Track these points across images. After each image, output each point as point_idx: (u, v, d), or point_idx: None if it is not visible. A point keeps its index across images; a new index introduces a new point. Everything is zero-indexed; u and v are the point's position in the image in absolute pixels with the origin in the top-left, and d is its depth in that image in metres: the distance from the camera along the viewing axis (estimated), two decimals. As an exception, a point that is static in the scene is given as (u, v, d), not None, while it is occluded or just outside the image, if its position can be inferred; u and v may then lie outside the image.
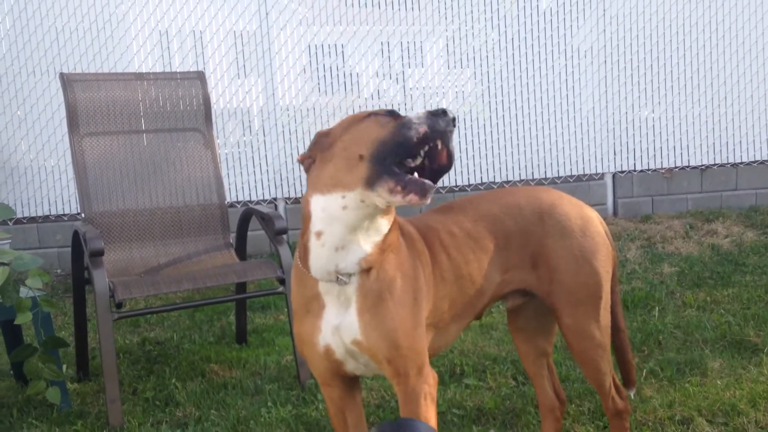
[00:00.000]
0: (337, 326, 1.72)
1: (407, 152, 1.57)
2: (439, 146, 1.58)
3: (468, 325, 2.05)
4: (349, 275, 1.68)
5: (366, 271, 1.69)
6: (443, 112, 1.57)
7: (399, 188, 1.55)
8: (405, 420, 1.42)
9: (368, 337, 1.70)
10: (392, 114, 1.63)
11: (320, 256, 1.67)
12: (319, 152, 1.69)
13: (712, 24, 5.64)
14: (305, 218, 1.69)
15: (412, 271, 1.77)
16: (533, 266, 1.99)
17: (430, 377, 1.78)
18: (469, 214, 1.97)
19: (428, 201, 1.57)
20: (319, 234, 1.66)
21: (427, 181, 1.56)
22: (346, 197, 1.60)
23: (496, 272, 1.96)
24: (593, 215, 2.06)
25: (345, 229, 1.64)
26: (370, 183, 1.57)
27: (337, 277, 1.68)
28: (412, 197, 1.54)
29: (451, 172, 5.48)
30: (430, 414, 1.76)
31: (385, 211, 1.66)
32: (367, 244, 1.66)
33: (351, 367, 1.80)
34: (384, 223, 1.68)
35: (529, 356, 2.27)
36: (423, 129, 1.56)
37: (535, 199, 2.02)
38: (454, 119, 1.57)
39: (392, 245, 1.73)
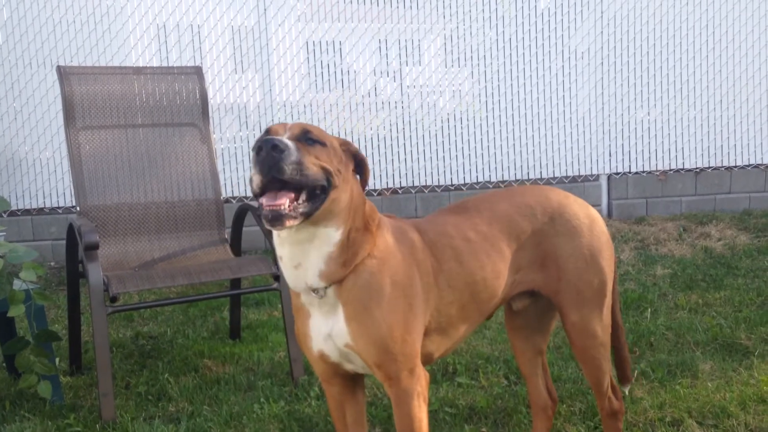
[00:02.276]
0: (328, 333, 1.75)
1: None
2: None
3: (478, 325, 2.06)
4: (324, 288, 1.70)
5: (340, 282, 1.70)
6: (259, 147, 1.54)
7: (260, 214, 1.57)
8: None
9: (357, 343, 1.72)
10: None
11: (287, 274, 1.71)
12: None
13: (709, 27, 5.65)
14: None
15: (407, 278, 1.77)
16: (542, 266, 2.00)
17: (422, 378, 1.79)
18: (484, 215, 1.98)
19: (280, 229, 1.56)
20: (279, 256, 1.70)
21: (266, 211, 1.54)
22: None
23: (509, 274, 1.98)
24: (598, 215, 2.10)
25: (292, 247, 1.66)
26: None
27: (312, 291, 1.70)
28: (265, 223, 1.57)
29: (447, 171, 5.51)
30: (422, 414, 1.78)
31: (328, 220, 1.64)
32: (320, 259, 1.67)
33: (349, 368, 1.83)
34: (330, 233, 1.66)
35: (525, 354, 2.28)
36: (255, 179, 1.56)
37: (546, 199, 2.04)
38: (267, 147, 1.53)
39: (366, 253, 1.71)
